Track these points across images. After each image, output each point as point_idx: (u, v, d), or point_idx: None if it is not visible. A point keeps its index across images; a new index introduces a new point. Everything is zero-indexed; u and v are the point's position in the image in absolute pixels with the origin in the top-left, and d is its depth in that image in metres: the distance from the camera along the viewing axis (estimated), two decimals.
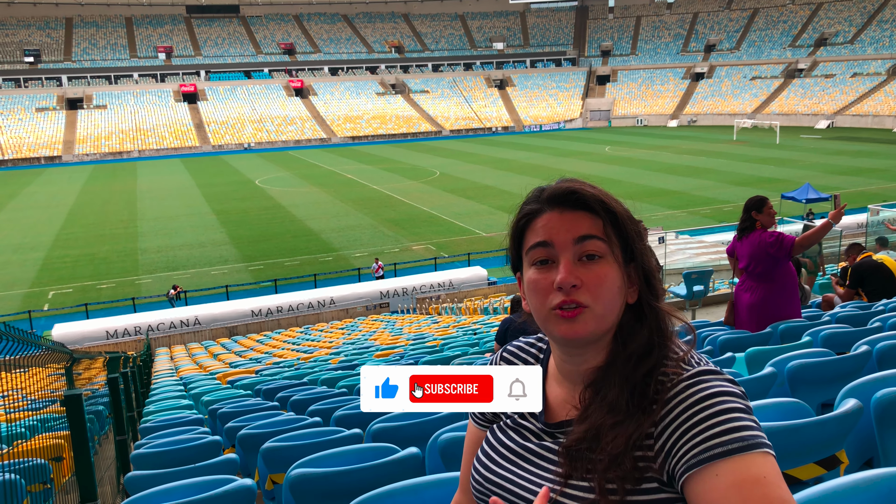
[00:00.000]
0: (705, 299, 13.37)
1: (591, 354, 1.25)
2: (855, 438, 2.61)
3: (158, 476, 3.48)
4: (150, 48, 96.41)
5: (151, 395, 9.50)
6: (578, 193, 1.23)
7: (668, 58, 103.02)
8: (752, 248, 5.71)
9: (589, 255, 1.20)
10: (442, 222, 35.31)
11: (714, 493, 1.05)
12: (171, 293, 24.28)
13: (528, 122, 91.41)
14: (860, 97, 79.09)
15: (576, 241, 1.21)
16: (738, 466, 1.05)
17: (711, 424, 1.08)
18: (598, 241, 1.20)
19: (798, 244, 5.61)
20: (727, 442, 1.06)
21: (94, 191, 50.85)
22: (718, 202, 36.36)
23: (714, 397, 1.11)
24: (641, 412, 1.15)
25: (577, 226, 1.21)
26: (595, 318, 1.19)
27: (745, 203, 5.86)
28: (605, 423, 1.17)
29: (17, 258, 31.48)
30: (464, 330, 13.08)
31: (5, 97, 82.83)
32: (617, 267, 1.21)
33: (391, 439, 3.29)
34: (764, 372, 3.45)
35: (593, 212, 1.22)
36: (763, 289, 5.78)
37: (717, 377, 1.16)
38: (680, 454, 1.10)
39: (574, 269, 1.20)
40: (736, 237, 5.94)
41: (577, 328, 1.19)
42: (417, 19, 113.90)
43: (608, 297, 1.20)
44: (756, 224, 5.74)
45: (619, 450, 1.13)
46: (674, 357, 1.20)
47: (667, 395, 1.15)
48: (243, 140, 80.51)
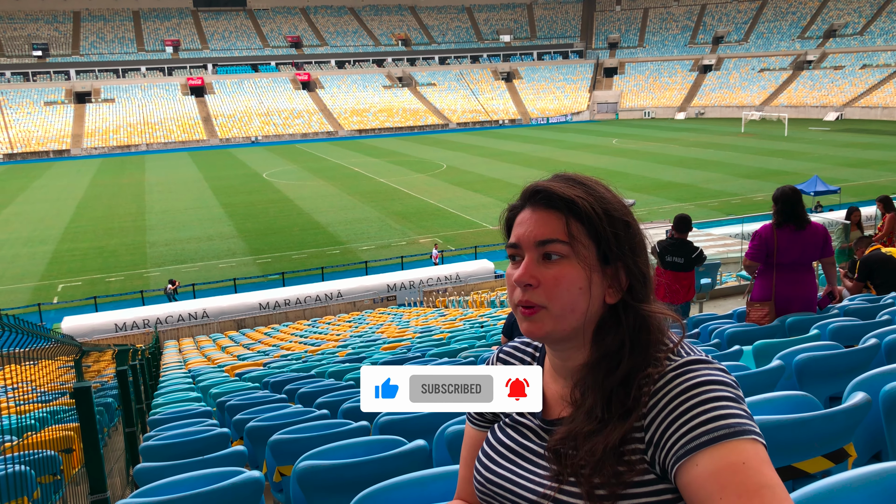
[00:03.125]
0: (713, 292, 13.32)
1: (573, 352, 1.26)
2: (863, 432, 2.60)
3: (167, 468, 3.50)
4: (158, 42, 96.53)
5: (160, 388, 9.54)
6: (544, 192, 1.24)
7: (676, 50, 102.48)
8: (814, 238, 5.59)
9: (547, 256, 1.21)
10: (449, 215, 35.31)
11: (694, 484, 1.04)
12: (169, 288, 24.27)
13: (535, 115, 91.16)
14: (869, 89, 78.52)
15: (537, 244, 1.22)
16: (717, 455, 1.03)
17: (696, 414, 1.08)
18: (557, 244, 1.21)
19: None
20: (710, 430, 1.05)
21: (103, 184, 51.04)
22: (726, 195, 36.20)
23: (699, 386, 1.10)
24: (619, 418, 1.15)
25: (542, 227, 1.22)
26: (552, 318, 1.20)
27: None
28: (583, 430, 1.17)
29: (27, 251, 31.65)
30: (471, 323, 13.08)
31: (14, 91, 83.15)
32: (580, 268, 1.20)
33: (398, 432, 3.29)
34: (772, 365, 3.44)
35: (560, 211, 1.23)
36: (810, 277, 5.77)
37: (704, 366, 1.15)
38: (668, 446, 1.09)
39: (533, 268, 1.21)
40: (777, 228, 5.62)
41: (534, 327, 1.22)
42: (424, 12, 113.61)
43: (565, 298, 1.20)
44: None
45: (598, 456, 1.13)
46: (663, 349, 1.20)
47: (654, 387, 1.14)
48: (250, 133, 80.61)
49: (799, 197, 5.60)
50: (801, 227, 5.55)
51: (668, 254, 8.06)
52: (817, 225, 5.62)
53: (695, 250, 8.06)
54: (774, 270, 5.69)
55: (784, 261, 5.62)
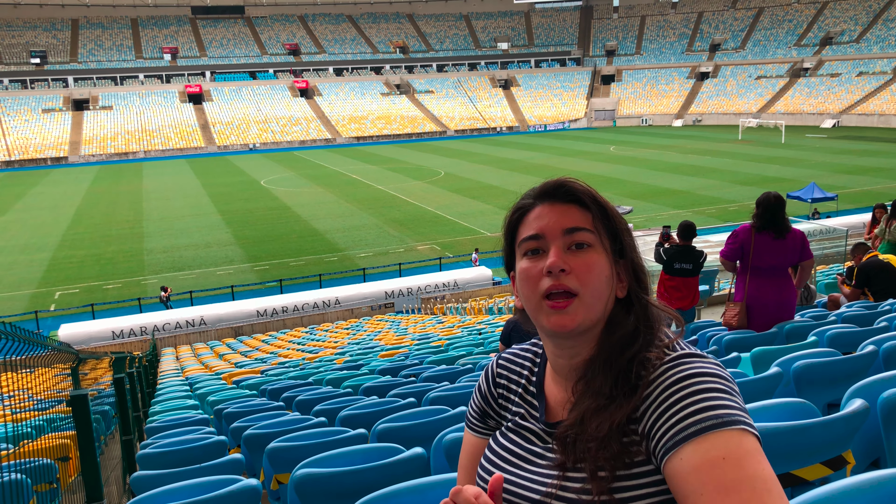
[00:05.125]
0: (710, 299, 13.32)
1: (581, 347, 1.26)
2: (861, 439, 2.60)
3: (164, 476, 3.49)
4: (156, 49, 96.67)
5: (157, 395, 9.51)
6: (567, 186, 1.27)
7: (673, 57, 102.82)
8: (792, 244, 5.60)
9: (578, 245, 1.23)
10: (447, 222, 35.31)
11: (678, 478, 1.04)
12: (163, 296, 24.30)
13: (533, 122, 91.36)
14: (866, 96, 78.83)
15: (565, 232, 1.23)
16: (700, 448, 1.03)
17: (685, 405, 1.08)
18: (587, 233, 1.23)
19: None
20: (697, 422, 1.05)
21: (100, 191, 51.02)
22: (723, 202, 36.25)
23: (691, 378, 1.11)
24: (624, 396, 1.16)
25: (567, 217, 1.24)
26: (584, 306, 1.21)
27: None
28: (590, 407, 1.18)
29: (24, 258, 31.60)
30: (469, 330, 13.08)
31: (12, 98, 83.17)
32: (606, 258, 1.23)
33: (396, 439, 3.29)
34: (770, 372, 3.44)
35: (583, 205, 1.25)
36: (787, 282, 5.74)
37: (698, 359, 1.16)
38: (657, 437, 1.10)
39: (564, 255, 1.22)
40: (758, 232, 5.63)
41: (565, 319, 1.21)
42: (422, 19, 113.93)
43: (596, 284, 1.21)
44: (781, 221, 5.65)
45: (604, 433, 1.14)
46: (660, 344, 1.21)
47: (649, 378, 1.15)
48: (248, 140, 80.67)
49: (782, 205, 5.59)
50: (780, 235, 5.55)
51: (675, 261, 8.08)
52: (795, 230, 5.62)
53: (700, 255, 8.12)
54: (749, 273, 5.69)
55: (759, 265, 5.62)
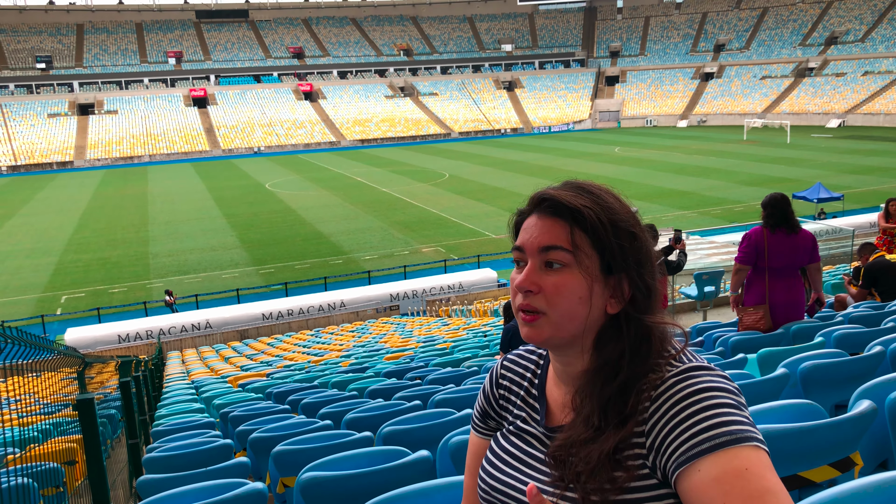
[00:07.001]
0: (717, 300, 13.30)
1: (573, 359, 1.27)
2: (869, 440, 2.59)
3: (170, 479, 3.49)
4: (161, 53, 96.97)
5: (163, 399, 9.53)
6: (550, 200, 1.25)
7: (678, 58, 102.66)
8: (804, 243, 5.65)
9: (549, 263, 1.22)
10: (451, 224, 35.30)
11: (697, 489, 1.05)
12: (169, 300, 24.34)
13: (537, 124, 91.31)
14: (871, 96, 78.55)
15: (540, 250, 1.23)
16: (720, 461, 1.04)
17: (697, 421, 1.08)
18: (561, 252, 1.21)
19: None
20: (712, 437, 1.06)
21: (106, 195, 51.16)
22: (729, 202, 36.17)
23: (701, 393, 1.11)
24: (615, 427, 1.16)
25: (546, 234, 1.23)
26: (551, 324, 1.21)
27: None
28: (580, 437, 1.18)
29: (30, 263, 31.69)
30: (474, 332, 13.06)
31: (18, 103, 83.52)
32: (581, 277, 1.20)
33: (402, 442, 3.28)
34: (776, 373, 3.43)
35: (565, 220, 1.23)
36: (797, 282, 5.77)
37: (706, 373, 1.15)
38: (668, 452, 1.10)
39: (535, 275, 1.23)
40: (770, 232, 5.63)
41: (533, 333, 1.23)
42: (426, 22, 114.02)
43: (565, 306, 1.20)
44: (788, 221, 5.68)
45: (593, 464, 1.14)
46: (661, 361, 1.20)
47: (655, 392, 1.15)
48: (253, 144, 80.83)
49: (789, 202, 5.67)
50: (793, 230, 5.60)
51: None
52: (806, 231, 5.69)
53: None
54: (766, 274, 5.69)
55: (775, 265, 5.64)
